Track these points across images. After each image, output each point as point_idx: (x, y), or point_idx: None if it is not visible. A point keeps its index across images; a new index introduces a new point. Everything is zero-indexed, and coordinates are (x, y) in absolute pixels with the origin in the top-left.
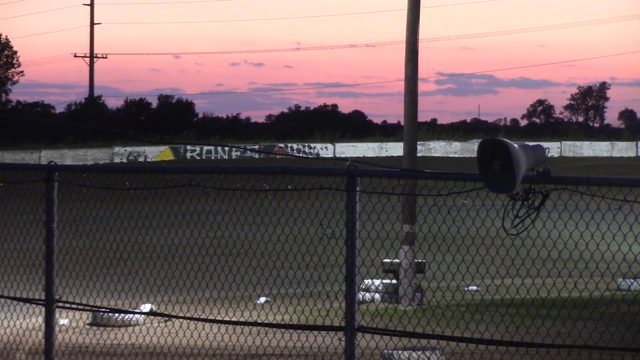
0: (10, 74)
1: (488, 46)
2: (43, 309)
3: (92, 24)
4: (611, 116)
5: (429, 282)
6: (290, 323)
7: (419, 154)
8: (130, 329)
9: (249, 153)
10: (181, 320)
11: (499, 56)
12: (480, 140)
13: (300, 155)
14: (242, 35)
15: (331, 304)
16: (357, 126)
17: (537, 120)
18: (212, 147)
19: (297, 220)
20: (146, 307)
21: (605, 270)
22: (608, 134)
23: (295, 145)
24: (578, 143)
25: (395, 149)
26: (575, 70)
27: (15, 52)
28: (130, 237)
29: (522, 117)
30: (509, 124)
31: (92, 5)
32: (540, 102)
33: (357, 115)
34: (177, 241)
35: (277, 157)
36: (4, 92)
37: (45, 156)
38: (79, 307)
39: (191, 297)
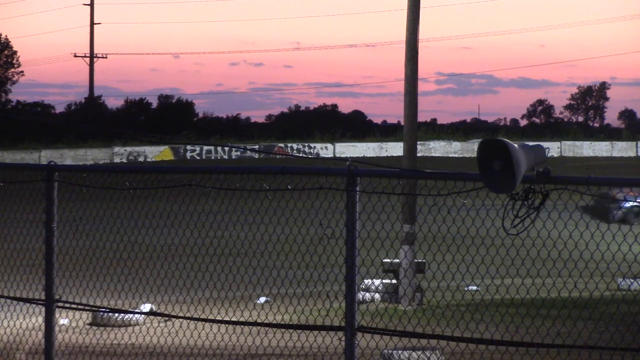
0: (10, 74)
1: (488, 46)
2: (43, 309)
3: (92, 24)
4: (611, 116)
5: (429, 282)
6: (290, 323)
7: (419, 154)
8: (130, 329)
9: (249, 153)
10: (181, 320)
11: (499, 56)
12: (480, 140)
13: (300, 155)
14: (242, 35)
15: (331, 304)
16: (357, 126)
17: (537, 120)
18: (212, 147)
19: (297, 220)
20: (146, 307)
21: (605, 270)
22: (608, 134)
23: (295, 145)
24: (578, 143)
25: (395, 149)
26: (575, 70)
27: (15, 52)
28: (130, 237)
29: (522, 117)
30: (509, 124)
31: (92, 5)
32: (540, 102)
33: (357, 115)
34: (177, 241)
35: (277, 157)
36: (4, 92)
37: (45, 156)
38: (79, 307)
39: (191, 297)
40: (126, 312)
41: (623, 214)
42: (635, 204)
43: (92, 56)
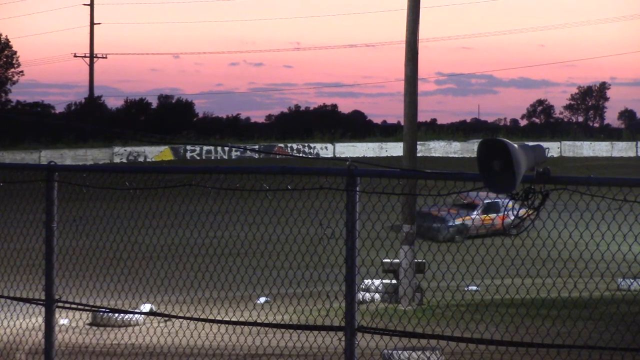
0: (10, 74)
1: (488, 46)
2: (43, 309)
3: (92, 24)
4: (611, 116)
5: (429, 282)
6: (290, 323)
7: (419, 154)
8: (130, 329)
9: (249, 153)
10: (181, 320)
11: (498, 56)
12: (480, 140)
13: (300, 155)
14: (242, 35)
15: (331, 304)
16: (357, 126)
17: (537, 120)
18: (212, 147)
19: (297, 220)
20: (146, 307)
21: (605, 270)
22: (608, 134)
23: (295, 145)
24: (578, 143)
25: (395, 149)
26: (575, 70)
27: (15, 52)
28: (130, 237)
29: (522, 117)
30: (509, 124)
31: (92, 5)
32: (540, 102)
33: (357, 115)
34: (177, 241)
35: (277, 157)
36: (4, 92)
37: (45, 156)
38: (79, 307)
39: (191, 297)
40: (126, 312)
41: (452, 232)
42: (458, 222)
43: (92, 56)
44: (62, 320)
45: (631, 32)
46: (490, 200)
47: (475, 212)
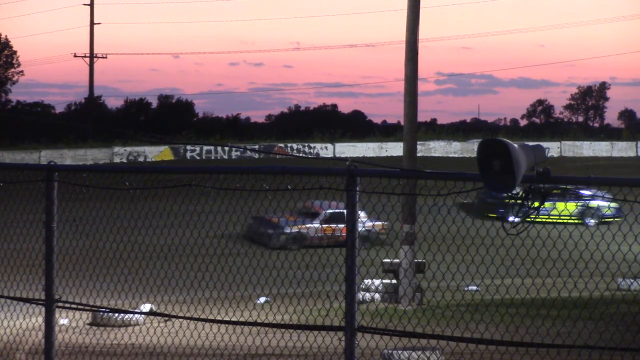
0: (10, 73)
1: (488, 46)
2: (43, 309)
3: (92, 24)
4: (611, 116)
5: (429, 282)
6: (290, 323)
7: (419, 154)
8: (130, 329)
9: (249, 153)
10: (181, 320)
11: (498, 56)
12: (480, 140)
13: (300, 155)
14: (242, 35)
15: (331, 304)
16: (357, 126)
17: (537, 120)
18: (212, 147)
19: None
20: (146, 307)
21: (605, 270)
22: (608, 134)
23: (295, 145)
24: (578, 143)
25: (395, 149)
26: (575, 70)
27: (15, 52)
28: (130, 237)
29: (522, 117)
30: (509, 124)
31: (92, 5)
32: (540, 102)
33: (357, 115)
34: (177, 241)
35: (277, 157)
36: (3, 92)
37: (45, 156)
38: (79, 307)
39: (191, 297)
40: (126, 312)
41: (284, 239)
42: (294, 230)
43: (92, 56)
44: (62, 320)
45: (631, 32)
46: (333, 211)
47: (316, 221)
